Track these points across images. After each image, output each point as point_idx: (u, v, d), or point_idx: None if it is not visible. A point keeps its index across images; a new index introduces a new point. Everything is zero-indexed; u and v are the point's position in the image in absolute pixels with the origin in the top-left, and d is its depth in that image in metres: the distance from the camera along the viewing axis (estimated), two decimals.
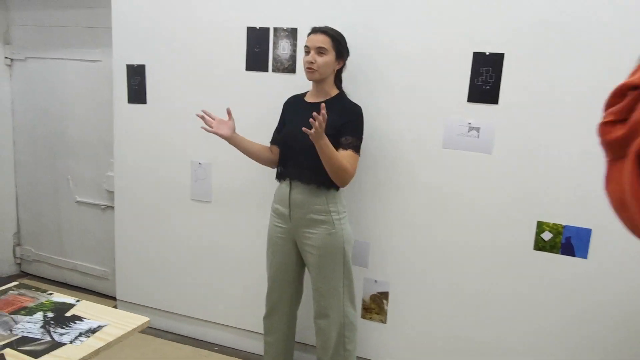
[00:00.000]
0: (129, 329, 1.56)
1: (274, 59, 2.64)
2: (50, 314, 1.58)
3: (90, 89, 3.41)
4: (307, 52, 2.25)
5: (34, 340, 1.44)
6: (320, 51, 2.22)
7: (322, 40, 2.22)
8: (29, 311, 1.59)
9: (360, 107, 2.31)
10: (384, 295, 2.61)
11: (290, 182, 2.32)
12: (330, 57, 2.24)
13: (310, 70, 2.24)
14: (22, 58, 3.52)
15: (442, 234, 2.47)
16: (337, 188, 2.31)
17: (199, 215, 2.94)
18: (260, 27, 2.64)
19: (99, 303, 3.25)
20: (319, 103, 2.24)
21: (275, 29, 2.61)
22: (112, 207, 3.31)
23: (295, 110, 2.40)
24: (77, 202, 3.59)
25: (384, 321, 2.63)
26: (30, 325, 1.51)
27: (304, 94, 2.43)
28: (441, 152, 2.42)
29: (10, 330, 1.48)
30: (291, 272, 2.44)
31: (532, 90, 2.24)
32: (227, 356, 2.92)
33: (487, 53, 2.29)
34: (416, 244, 2.52)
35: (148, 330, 3.12)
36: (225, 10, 2.71)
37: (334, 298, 2.34)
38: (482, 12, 2.27)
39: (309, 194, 2.28)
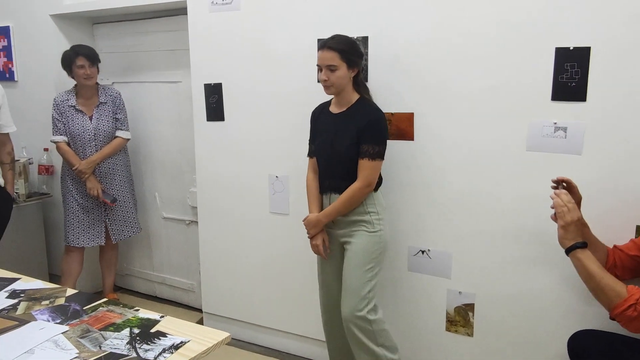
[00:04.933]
0: (211, 344, 1.58)
1: None
2: (136, 330, 1.64)
3: (172, 109, 3.56)
4: (320, 70, 2.28)
5: (121, 356, 1.49)
6: (330, 68, 2.24)
7: (331, 58, 2.23)
8: (117, 327, 1.66)
9: (379, 111, 2.31)
10: (470, 307, 2.49)
11: (330, 195, 2.38)
12: (342, 70, 2.25)
13: (325, 87, 2.30)
14: (110, 83, 3.72)
15: (531, 242, 2.33)
16: (374, 189, 2.35)
17: (278, 228, 2.97)
18: None
19: (186, 315, 3.37)
20: (342, 113, 2.35)
21: None
22: (196, 222, 3.42)
23: (323, 121, 2.44)
24: (164, 218, 3.74)
25: (470, 334, 2.52)
26: (118, 342, 1.57)
27: (329, 103, 2.45)
28: (525, 155, 2.29)
29: (100, 347, 1.54)
30: (339, 280, 2.44)
31: (625, 86, 2.07)
32: None
33: (571, 48, 2.14)
34: (503, 254, 2.39)
35: (232, 342, 3.18)
36: (296, 26, 2.73)
37: (359, 298, 2.29)
38: (562, 5, 2.13)
39: None
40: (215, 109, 3.07)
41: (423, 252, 2.58)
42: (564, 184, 1.99)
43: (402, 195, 2.58)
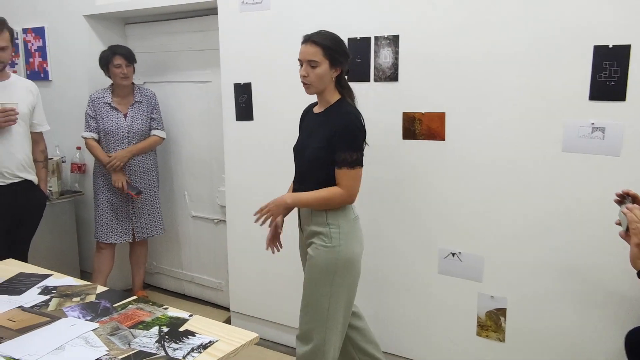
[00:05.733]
0: (238, 345, 1.57)
1: (375, 68, 2.59)
2: (165, 329, 1.64)
3: (201, 109, 3.58)
4: (301, 65, 2.15)
5: (149, 355, 1.49)
6: (311, 64, 2.10)
7: (313, 53, 2.09)
8: (146, 325, 1.66)
9: (351, 116, 2.12)
10: (501, 311, 2.44)
11: None
12: (323, 68, 2.10)
13: (304, 85, 2.15)
14: (141, 83, 3.77)
15: (566, 245, 2.26)
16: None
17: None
18: (361, 38, 2.61)
19: (213, 314, 3.38)
20: (320, 114, 2.22)
21: (376, 38, 2.56)
22: (225, 221, 3.43)
23: (306, 122, 2.34)
24: (193, 216, 3.77)
25: (501, 340, 2.46)
26: (147, 340, 1.57)
27: (316, 103, 2.32)
28: (561, 156, 2.22)
29: (129, 345, 1.54)
30: None
31: None
32: None
33: (611, 46, 2.07)
34: (537, 257, 2.33)
35: (260, 341, 3.18)
36: (326, 25, 2.69)
37: (313, 319, 2.16)
38: (601, 1, 2.07)
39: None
40: (244, 109, 3.07)
41: (454, 254, 2.53)
42: (630, 197, 1.82)
43: (432, 196, 2.54)
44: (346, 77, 2.24)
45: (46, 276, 2.10)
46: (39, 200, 3.05)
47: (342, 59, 2.15)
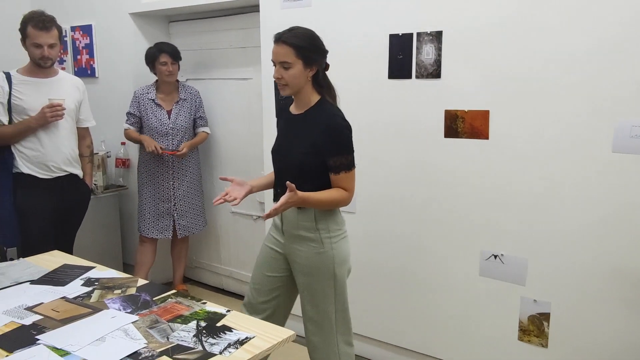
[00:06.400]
0: (275, 342, 1.57)
1: (417, 65, 2.54)
2: (202, 323, 1.65)
3: (242, 106, 3.60)
4: (274, 66, 2.04)
5: (187, 349, 1.50)
6: (284, 66, 1.99)
7: (284, 53, 1.98)
8: (184, 319, 1.68)
9: (337, 118, 2.04)
10: (545, 316, 2.36)
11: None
12: (296, 68, 1.99)
13: (280, 86, 2.04)
14: (184, 80, 3.82)
15: (615, 250, 2.17)
16: None
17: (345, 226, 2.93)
18: (403, 34, 2.57)
19: None
20: (300, 116, 2.09)
21: (419, 34, 2.52)
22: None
23: (282, 122, 2.23)
24: (232, 212, 3.80)
25: (544, 345, 2.38)
26: (185, 334, 1.58)
27: (291, 102, 2.19)
28: (611, 157, 2.13)
29: (167, 338, 1.56)
30: (275, 289, 2.24)
31: None
32: None
33: None
34: (584, 261, 2.25)
35: (298, 339, 3.17)
36: (367, 21, 2.68)
37: (325, 328, 2.14)
38: None
39: (297, 211, 2.08)
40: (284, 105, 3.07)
41: (496, 256, 2.46)
42: None
43: (474, 196, 2.48)
44: (326, 72, 2.14)
45: (89, 268, 2.14)
46: (84, 194, 3.13)
47: (316, 57, 2.04)
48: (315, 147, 2.02)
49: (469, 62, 2.41)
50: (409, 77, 2.57)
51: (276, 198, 2.16)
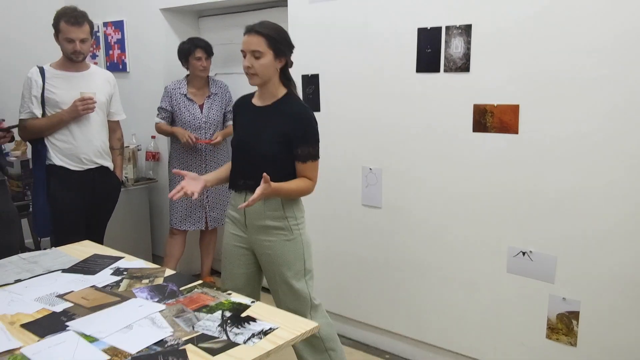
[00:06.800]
0: (298, 333, 1.57)
1: (446, 58, 2.51)
2: (227, 313, 1.67)
3: None
4: (245, 56, 2.09)
5: (212, 338, 1.52)
6: (255, 55, 2.06)
7: (256, 43, 2.05)
8: (210, 309, 1.70)
9: (308, 109, 2.17)
10: (574, 315, 2.31)
11: (246, 195, 2.16)
12: (267, 58, 2.06)
13: (249, 75, 2.10)
14: (212, 74, 3.85)
15: None
16: None
17: (370, 221, 2.92)
18: (431, 27, 2.54)
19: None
20: (266, 107, 2.16)
21: (448, 28, 2.49)
22: None
23: (244, 114, 2.26)
24: None
25: (573, 344, 2.33)
26: (210, 324, 1.60)
27: (252, 95, 2.27)
28: None
29: (193, 327, 1.58)
30: (250, 283, 2.29)
31: None
32: None
33: None
34: (614, 259, 2.19)
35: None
36: (396, 15, 2.66)
37: (300, 301, 2.21)
38: None
39: (262, 201, 2.11)
40: (311, 100, 3.07)
41: (524, 253, 2.42)
42: None
43: (503, 191, 2.44)
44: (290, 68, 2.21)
45: (118, 258, 2.19)
46: (114, 186, 3.19)
47: (285, 50, 2.13)
48: (285, 137, 2.10)
49: (499, 55, 2.37)
50: (437, 70, 2.55)
51: (239, 188, 2.20)
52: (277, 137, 2.11)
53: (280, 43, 2.10)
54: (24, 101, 2.90)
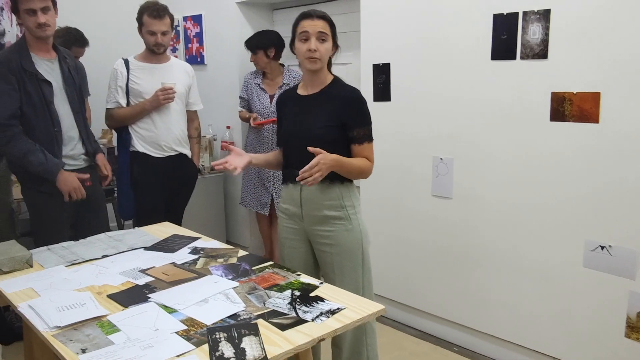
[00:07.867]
0: (365, 314, 1.60)
1: (522, 45, 2.44)
2: (297, 293, 1.72)
3: None
4: (306, 39, 2.03)
5: (281, 314, 1.57)
6: (322, 37, 2.03)
7: (323, 26, 2.03)
8: (280, 288, 1.75)
9: (359, 92, 2.14)
10: None
11: (301, 187, 2.08)
12: (329, 43, 2.06)
13: (312, 59, 2.04)
14: (285, 65, 3.93)
15: None
16: (351, 181, 2.13)
17: (440, 211, 2.90)
18: (507, 13, 2.48)
19: None
20: (315, 94, 2.12)
21: (525, 13, 2.42)
22: None
23: (291, 107, 2.19)
24: None
25: None
26: (280, 301, 1.66)
27: (295, 88, 2.22)
28: None
29: (264, 304, 1.64)
30: (308, 274, 2.16)
31: None
32: (466, 358, 2.82)
33: None
34: None
35: (388, 322, 3.20)
36: (470, 2, 2.61)
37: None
38: None
39: (320, 191, 2.08)
40: (382, 89, 3.08)
41: (603, 247, 2.32)
42: None
43: (581, 183, 2.35)
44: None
45: (196, 238, 2.30)
46: (191, 172, 3.34)
47: (337, 41, 2.14)
48: (338, 120, 2.07)
49: (579, 41, 2.28)
50: (514, 57, 2.48)
51: (290, 180, 2.14)
52: (331, 120, 2.08)
53: (335, 32, 2.13)
54: (110, 91, 3.10)
